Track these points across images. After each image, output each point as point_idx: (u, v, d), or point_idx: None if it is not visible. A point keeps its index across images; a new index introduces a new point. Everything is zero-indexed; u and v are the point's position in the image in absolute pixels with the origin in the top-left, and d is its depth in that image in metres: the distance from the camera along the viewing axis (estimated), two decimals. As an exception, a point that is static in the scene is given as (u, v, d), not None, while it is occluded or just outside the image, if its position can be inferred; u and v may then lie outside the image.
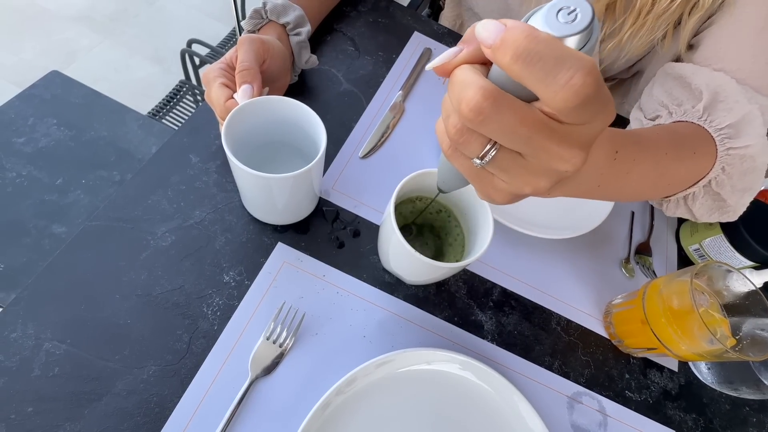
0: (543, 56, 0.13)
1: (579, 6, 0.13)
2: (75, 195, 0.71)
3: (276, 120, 0.35)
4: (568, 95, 0.14)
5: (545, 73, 0.14)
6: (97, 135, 0.79)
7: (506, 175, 0.19)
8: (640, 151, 0.31)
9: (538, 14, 0.14)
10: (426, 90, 0.52)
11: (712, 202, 0.39)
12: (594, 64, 0.14)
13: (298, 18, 0.42)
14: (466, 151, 0.18)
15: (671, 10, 0.40)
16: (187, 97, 1.25)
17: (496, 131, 0.16)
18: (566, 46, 0.14)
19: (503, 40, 0.14)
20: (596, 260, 0.46)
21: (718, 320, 0.36)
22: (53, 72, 0.85)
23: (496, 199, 0.21)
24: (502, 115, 0.15)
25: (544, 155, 0.17)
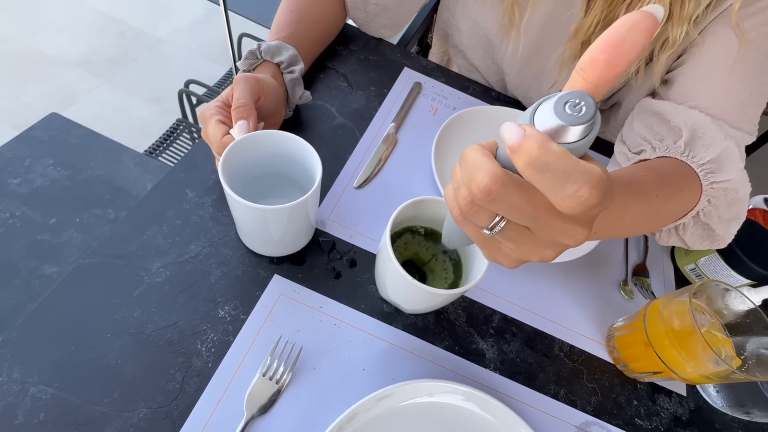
0: (552, 168, 0.14)
1: (584, 100, 0.14)
2: (68, 234, 0.71)
3: (272, 153, 0.35)
4: (573, 204, 0.15)
5: (554, 182, 0.15)
6: (94, 174, 0.80)
7: (514, 245, 0.19)
8: (631, 196, 0.33)
9: (548, 103, 0.15)
10: (418, 122, 0.53)
11: (702, 231, 0.40)
12: (600, 176, 0.15)
13: (291, 57, 0.44)
14: (475, 221, 0.19)
15: None
16: (183, 135, 1.27)
17: (503, 210, 0.17)
18: (576, 159, 0.15)
19: (519, 146, 0.15)
20: (594, 283, 0.46)
21: (721, 340, 0.36)
22: (52, 114, 0.87)
23: (503, 263, 0.21)
24: (510, 197, 0.16)
25: (549, 231, 0.18)
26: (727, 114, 0.40)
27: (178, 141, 1.26)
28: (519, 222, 0.17)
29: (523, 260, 0.20)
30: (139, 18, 2.03)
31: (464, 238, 0.24)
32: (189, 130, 1.28)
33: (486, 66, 0.60)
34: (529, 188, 0.16)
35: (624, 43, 0.14)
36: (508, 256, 0.20)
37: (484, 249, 0.21)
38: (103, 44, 1.89)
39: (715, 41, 0.40)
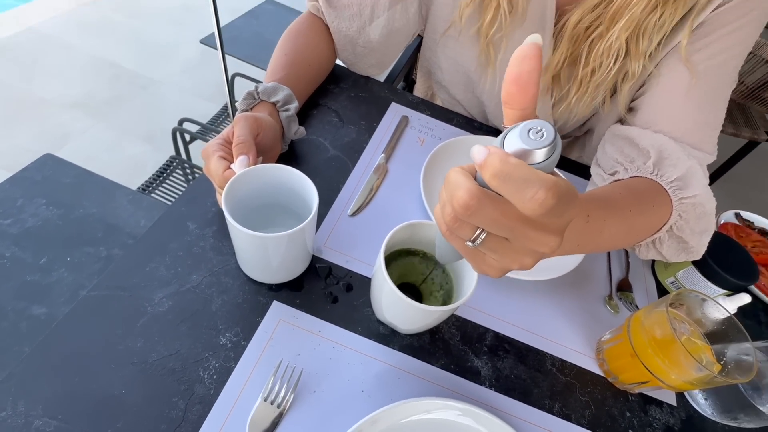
0: (513, 176, 0.17)
1: (544, 127, 0.17)
2: (59, 273, 0.70)
3: (270, 185, 0.38)
4: (534, 206, 0.17)
5: (516, 189, 0.17)
6: (86, 212, 0.80)
7: (495, 255, 0.22)
8: (608, 212, 0.36)
9: (515, 131, 0.18)
10: (406, 152, 0.56)
11: (677, 244, 0.43)
12: (555, 181, 0.17)
13: (286, 96, 0.47)
14: (459, 235, 0.21)
15: (607, 80, 0.48)
16: (176, 172, 1.29)
17: (482, 222, 0.20)
18: (532, 169, 0.17)
19: (485, 162, 0.18)
20: (581, 299, 0.48)
21: (701, 347, 0.37)
22: (46, 155, 0.88)
23: (489, 273, 0.24)
24: (486, 210, 0.19)
25: (525, 241, 0.20)
26: (687, 137, 0.44)
27: (172, 177, 1.28)
28: (497, 233, 0.20)
29: (505, 269, 0.22)
30: (133, 61, 2.10)
31: (455, 253, 0.26)
32: (182, 166, 1.30)
33: (467, 99, 0.65)
34: (502, 202, 0.18)
35: (523, 73, 0.17)
36: (492, 266, 0.22)
37: (471, 260, 0.23)
38: (98, 87, 1.94)
39: (669, 73, 0.45)
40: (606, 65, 0.47)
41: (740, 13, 0.41)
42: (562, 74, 0.51)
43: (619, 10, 0.43)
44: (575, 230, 0.29)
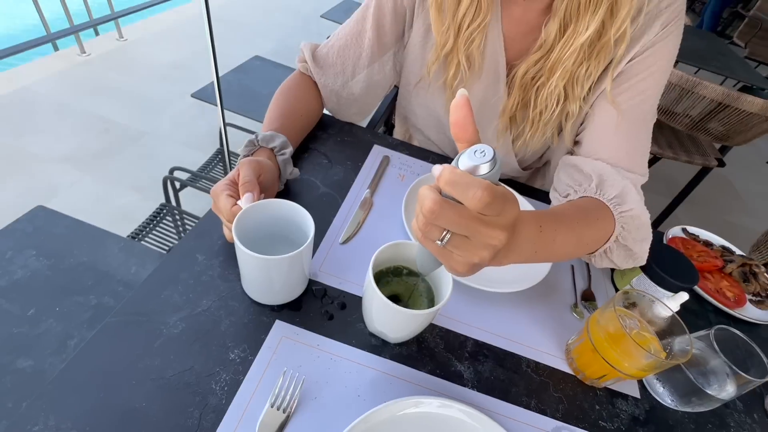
0: (458, 182, 0.24)
1: (486, 148, 0.25)
2: (47, 324, 0.70)
3: (272, 217, 0.44)
4: (476, 203, 0.24)
5: (462, 191, 0.25)
6: (77, 261, 0.81)
7: (459, 251, 0.28)
8: (559, 223, 0.43)
9: (465, 153, 0.26)
10: (388, 187, 0.64)
11: (624, 252, 0.50)
12: (489, 184, 0.24)
13: (282, 143, 0.54)
14: (430, 237, 0.28)
15: (553, 119, 0.57)
16: (166, 219, 1.32)
17: (445, 223, 0.26)
18: (473, 176, 0.24)
19: (440, 175, 0.25)
20: (550, 308, 0.53)
21: (649, 339, 0.43)
22: (38, 207, 0.89)
23: (457, 269, 0.30)
24: (447, 213, 0.26)
25: (479, 236, 0.27)
26: (621, 162, 0.52)
27: (162, 224, 1.31)
28: (458, 232, 0.26)
29: (468, 262, 0.28)
30: (125, 115, 2.19)
31: (431, 262, 0.32)
32: (172, 213, 1.34)
33: (440, 140, 0.74)
34: (458, 207, 0.25)
35: (459, 118, 0.25)
36: (459, 261, 0.28)
37: (443, 260, 0.29)
38: (88, 141, 2.00)
39: (601, 112, 0.54)
40: (550, 107, 0.56)
41: (647, 65, 0.51)
42: (517, 115, 0.61)
43: (555, 63, 0.53)
44: (530, 238, 0.36)
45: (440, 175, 0.25)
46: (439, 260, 0.31)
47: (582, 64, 0.52)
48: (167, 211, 1.34)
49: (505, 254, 0.33)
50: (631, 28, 0.49)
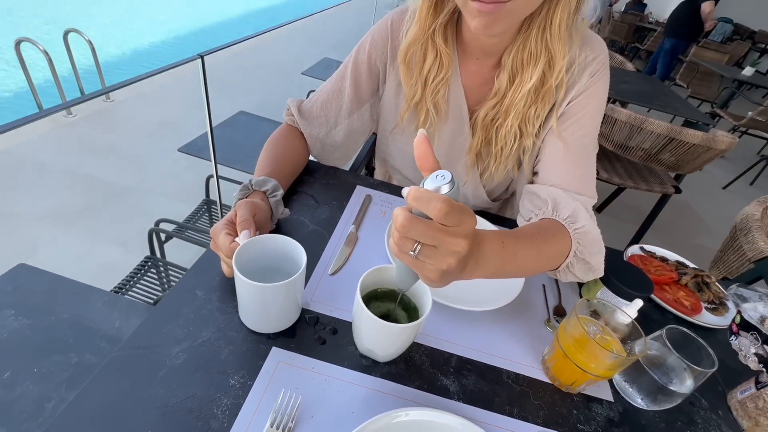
0: (423, 198, 0.30)
1: (445, 173, 0.31)
2: (23, 387, 0.68)
3: (267, 251, 0.48)
4: (437, 213, 0.30)
5: (425, 204, 0.30)
6: (58, 318, 0.80)
7: (430, 260, 0.34)
8: (520, 240, 0.49)
9: (429, 178, 0.32)
10: (372, 222, 0.69)
11: (583, 265, 0.56)
12: (448, 198, 0.30)
13: (274, 186, 0.60)
14: (404, 249, 0.33)
15: (512, 154, 0.65)
16: (151, 272, 1.32)
17: (415, 235, 0.32)
18: (434, 192, 0.31)
19: (408, 194, 0.31)
20: (526, 324, 0.58)
21: (611, 341, 0.48)
22: (19, 265, 0.89)
23: (430, 277, 0.35)
24: (416, 226, 0.31)
25: (445, 244, 0.32)
26: (572, 187, 0.60)
27: (147, 277, 1.31)
28: (427, 242, 0.32)
29: (439, 269, 0.33)
30: (109, 172, 2.22)
31: (408, 276, 0.37)
32: (156, 265, 1.34)
33: (416, 178, 0.81)
34: (425, 221, 0.31)
35: (422, 152, 0.32)
36: (431, 269, 0.33)
37: (417, 269, 0.34)
38: (70, 198, 2.01)
39: (550, 145, 0.63)
40: (509, 144, 0.65)
41: (583, 105, 0.61)
42: (482, 152, 0.69)
43: (509, 107, 0.62)
44: (495, 253, 0.42)
45: (408, 194, 0.31)
46: (415, 274, 0.36)
47: (531, 107, 0.61)
48: (152, 264, 1.34)
49: (473, 267, 0.38)
50: (566, 77, 0.59)
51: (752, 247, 0.98)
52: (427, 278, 0.35)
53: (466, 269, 0.38)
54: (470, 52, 0.65)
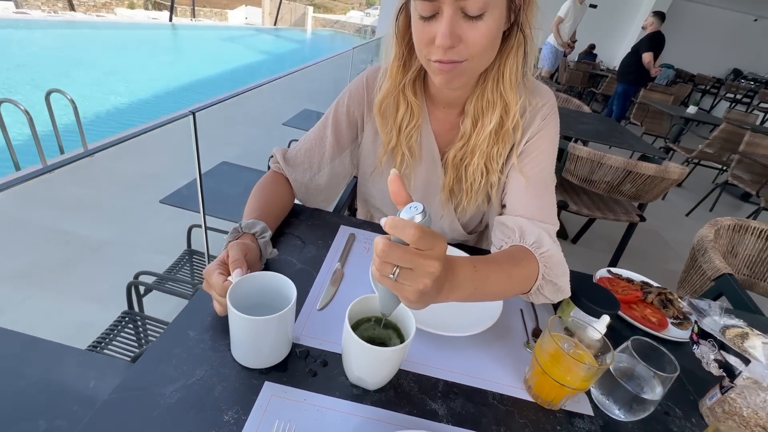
0: (398, 225, 0.35)
1: (417, 205, 0.36)
2: None
3: (259, 287, 0.51)
4: (411, 238, 0.35)
5: (401, 231, 0.35)
6: (28, 382, 0.76)
7: (408, 281, 0.38)
8: (491, 265, 0.54)
9: (403, 210, 0.37)
10: (356, 259, 0.73)
11: (552, 287, 0.61)
12: (419, 225, 0.35)
13: (262, 228, 0.64)
14: (385, 273, 0.37)
15: (481, 188, 0.72)
16: (128, 327, 1.28)
17: (394, 259, 0.36)
18: (408, 221, 0.35)
19: (385, 224, 0.36)
20: (507, 347, 0.61)
21: (584, 355, 0.52)
22: None
23: (410, 297, 0.39)
24: (394, 251, 0.36)
25: (420, 266, 0.37)
26: (535, 216, 0.66)
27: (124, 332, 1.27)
28: (404, 265, 0.36)
29: (416, 290, 0.37)
30: (86, 226, 2.19)
31: (390, 299, 0.41)
32: (134, 320, 1.30)
33: (397, 215, 0.86)
34: (402, 246, 0.35)
35: (395, 188, 0.37)
36: (409, 290, 0.37)
37: (397, 292, 0.38)
38: (44, 255, 1.96)
39: (513, 180, 0.70)
40: (478, 179, 0.71)
41: (538, 144, 0.69)
42: (454, 188, 0.75)
43: (474, 147, 0.70)
44: (468, 277, 0.46)
45: (386, 223, 0.35)
46: (396, 297, 0.40)
47: (494, 147, 0.69)
48: (129, 319, 1.31)
49: (449, 289, 0.42)
50: (522, 120, 0.67)
51: (710, 266, 1.06)
52: (407, 299, 0.39)
53: (443, 292, 0.42)
54: (437, 103, 0.73)
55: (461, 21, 0.54)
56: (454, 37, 0.54)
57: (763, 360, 0.51)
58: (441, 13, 0.53)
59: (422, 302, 0.39)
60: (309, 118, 3.04)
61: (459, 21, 0.54)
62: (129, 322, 1.30)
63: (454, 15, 0.53)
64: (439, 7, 0.53)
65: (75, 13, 12.60)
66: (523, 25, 0.59)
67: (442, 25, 0.53)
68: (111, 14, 13.98)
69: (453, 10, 0.52)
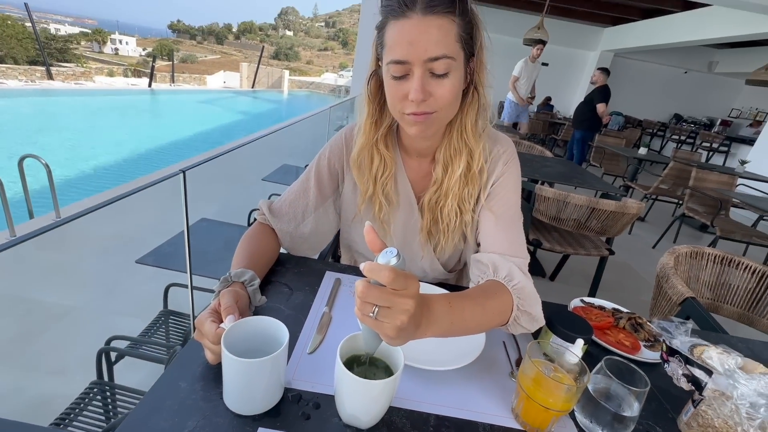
0: (374, 269, 0.40)
1: (392, 250, 0.42)
2: None
3: (251, 332, 0.52)
4: (386, 280, 0.40)
5: (377, 274, 0.40)
6: None
7: (387, 319, 0.42)
8: (465, 300, 0.58)
9: (380, 255, 0.42)
10: (343, 302, 0.75)
11: (528, 317, 0.65)
12: (393, 268, 0.40)
13: (251, 277, 0.66)
14: (365, 312, 0.41)
15: (457, 228, 0.78)
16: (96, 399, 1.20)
17: (373, 299, 0.41)
18: (383, 264, 0.40)
19: (364, 268, 0.41)
20: (493, 378, 0.63)
21: (563, 377, 0.55)
22: None
23: (390, 334, 0.43)
24: (372, 292, 0.40)
25: (396, 305, 0.41)
26: (506, 251, 0.72)
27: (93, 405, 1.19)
28: (383, 304, 0.40)
29: (395, 326, 0.41)
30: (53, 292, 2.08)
31: (373, 337, 0.44)
32: (103, 391, 1.22)
33: (379, 259, 0.90)
34: (379, 287, 0.40)
35: (371, 238, 0.42)
36: (389, 327, 0.41)
37: (378, 329, 0.42)
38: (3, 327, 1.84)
39: (485, 219, 0.76)
40: (453, 221, 0.77)
41: (503, 186, 0.77)
42: (431, 230, 0.81)
43: (447, 190, 0.76)
44: (444, 313, 0.50)
45: (364, 268, 0.40)
46: (378, 335, 0.43)
47: (464, 189, 0.76)
48: (98, 390, 1.23)
49: (426, 325, 0.46)
50: (486, 166, 0.75)
51: (674, 291, 1.13)
52: (387, 336, 0.42)
53: (420, 327, 0.46)
54: (411, 153, 0.81)
55: (429, 79, 0.63)
56: (425, 92, 0.63)
57: (720, 368, 0.56)
58: (412, 74, 0.63)
59: (401, 338, 0.43)
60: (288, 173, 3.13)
61: (428, 79, 0.63)
62: (98, 393, 1.22)
63: (424, 74, 0.62)
64: (410, 69, 0.63)
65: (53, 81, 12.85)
66: (477, 84, 0.69)
67: (414, 82, 0.62)
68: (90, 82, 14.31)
69: (423, 70, 0.62)
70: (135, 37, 75.40)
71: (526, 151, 3.49)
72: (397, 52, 0.62)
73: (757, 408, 0.51)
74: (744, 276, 1.34)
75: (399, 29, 0.62)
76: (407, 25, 0.61)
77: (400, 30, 0.61)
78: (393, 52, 0.63)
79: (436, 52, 0.60)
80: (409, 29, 0.61)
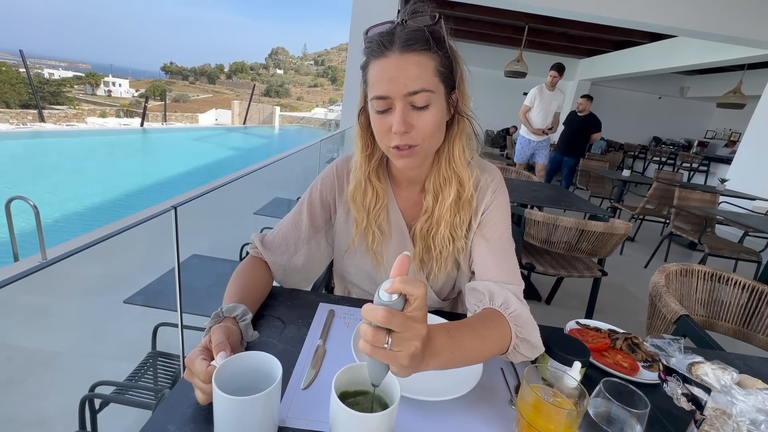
0: (370, 312, 0.41)
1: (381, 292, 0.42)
2: None
3: (244, 368, 0.51)
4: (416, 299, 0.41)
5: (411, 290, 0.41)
6: None
7: (400, 347, 0.42)
8: (463, 329, 0.58)
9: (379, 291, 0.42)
10: (337, 334, 0.74)
11: (527, 344, 0.65)
12: (389, 310, 0.40)
13: (243, 311, 0.65)
14: (378, 344, 0.41)
15: (449, 255, 0.78)
16: (79, 454, 1.13)
17: (392, 325, 0.41)
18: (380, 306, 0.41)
19: (363, 309, 0.41)
20: (492, 407, 0.62)
21: (562, 402, 0.54)
22: None
23: (402, 362, 0.42)
24: (394, 318, 0.40)
25: (410, 330, 0.42)
26: (501, 278, 0.72)
27: (75, 461, 1.12)
28: (397, 329, 0.40)
29: (409, 354, 0.41)
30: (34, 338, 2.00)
31: (380, 369, 0.43)
32: None
33: (373, 289, 0.90)
34: (400, 312, 0.40)
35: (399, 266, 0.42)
36: (402, 356, 0.41)
37: (389, 361, 0.42)
38: (-19, 377, 1.75)
39: (477, 245, 0.77)
40: (446, 248, 0.78)
41: (493, 214, 0.78)
42: (424, 258, 0.81)
43: (439, 218, 0.78)
44: (443, 343, 0.50)
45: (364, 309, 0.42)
46: (385, 366, 0.43)
47: (455, 216, 0.77)
48: (81, 444, 1.16)
49: (429, 357, 0.46)
50: (476, 194, 0.77)
51: (668, 310, 1.14)
52: (399, 365, 0.42)
53: (424, 359, 0.46)
54: (401, 184, 0.83)
55: (411, 112, 0.66)
56: (406, 125, 0.66)
57: (716, 385, 0.55)
58: (394, 107, 0.66)
59: (412, 365, 0.43)
60: (280, 206, 3.13)
61: (409, 112, 0.66)
62: (80, 447, 1.15)
63: (405, 108, 0.66)
64: (392, 103, 0.66)
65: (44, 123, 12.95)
66: (462, 114, 0.72)
67: (396, 115, 0.66)
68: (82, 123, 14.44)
69: (403, 104, 0.65)
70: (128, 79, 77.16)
71: (514, 177, 3.56)
72: (378, 88, 0.66)
73: (757, 425, 0.51)
74: (735, 292, 1.35)
75: (380, 68, 0.66)
76: (387, 64, 0.65)
77: (380, 68, 0.66)
78: (375, 89, 0.66)
79: (414, 87, 0.64)
80: (388, 67, 0.65)
